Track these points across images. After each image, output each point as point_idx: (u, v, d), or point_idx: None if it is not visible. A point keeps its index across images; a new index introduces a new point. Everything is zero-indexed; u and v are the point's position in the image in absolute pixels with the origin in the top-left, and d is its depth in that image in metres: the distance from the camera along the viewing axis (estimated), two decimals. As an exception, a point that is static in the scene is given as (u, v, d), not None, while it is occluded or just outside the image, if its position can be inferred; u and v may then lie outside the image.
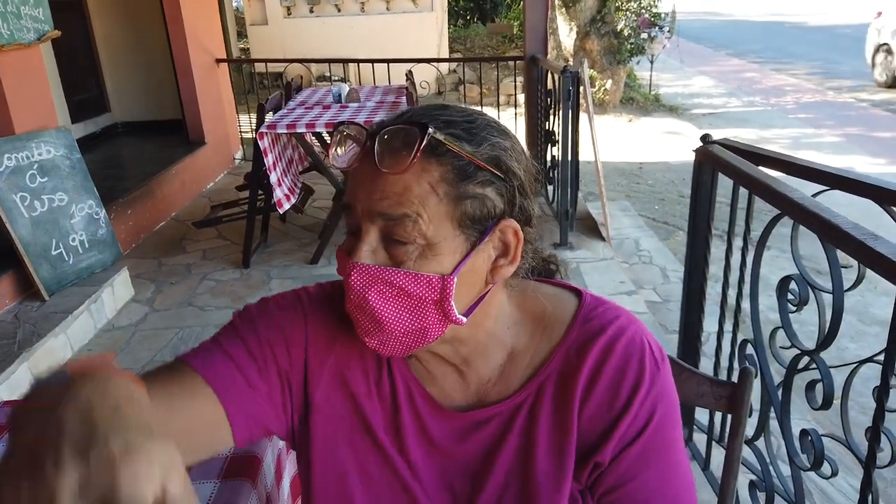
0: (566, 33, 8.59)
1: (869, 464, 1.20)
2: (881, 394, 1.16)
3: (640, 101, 8.72)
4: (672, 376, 0.75)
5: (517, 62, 4.90)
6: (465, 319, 0.67)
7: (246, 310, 0.77)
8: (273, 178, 3.25)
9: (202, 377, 0.69)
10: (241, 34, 11.08)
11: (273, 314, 0.75)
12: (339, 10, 9.39)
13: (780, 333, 1.52)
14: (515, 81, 6.11)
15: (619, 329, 0.72)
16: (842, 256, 1.25)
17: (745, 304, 1.69)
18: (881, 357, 1.15)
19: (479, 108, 0.71)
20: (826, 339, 1.33)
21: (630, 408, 0.70)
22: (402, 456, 0.74)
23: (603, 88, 8.41)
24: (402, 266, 0.64)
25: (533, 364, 0.73)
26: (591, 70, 8.29)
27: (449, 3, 10.42)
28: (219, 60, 5.45)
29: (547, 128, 4.15)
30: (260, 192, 3.60)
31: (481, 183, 0.64)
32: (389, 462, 0.74)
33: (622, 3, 8.53)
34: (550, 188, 4.23)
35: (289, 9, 9.43)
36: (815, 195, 1.40)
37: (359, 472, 0.74)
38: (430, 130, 0.61)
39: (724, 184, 1.75)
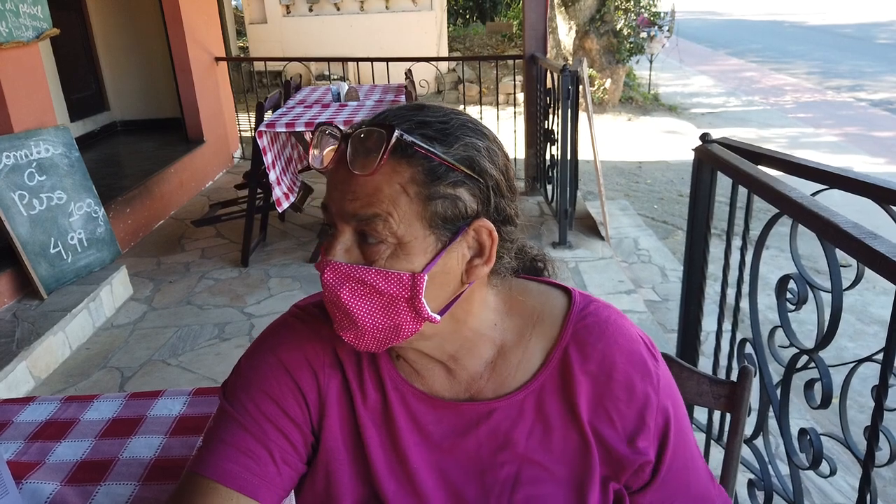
0: (565, 32, 8.59)
1: (867, 463, 1.20)
2: (880, 393, 1.16)
3: (639, 101, 8.72)
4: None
5: (516, 61, 4.90)
6: (439, 318, 0.67)
7: (230, 391, 0.75)
8: (272, 176, 3.25)
9: (228, 488, 0.69)
10: (241, 32, 11.08)
11: (259, 388, 0.74)
12: (338, 9, 9.38)
13: (780, 332, 1.52)
14: (515, 80, 6.11)
15: (617, 329, 0.74)
16: (841, 255, 1.25)
17: (745, 304, 1.69)
18: (880, 356, 1.15)
19: (458, 108, 0.71)
20: (825, 338, 1.33)
21: (649, 400, 0.73)
22: (399, 462, 0.74)
23: (602, 87, 8.41)
24: (374, 264, 0.65)
25: (529, 360, 0.74)
26: (591, 69, 8.30)
27: (448, 1, 10.42)
28: (218, 59, 5.44)
29: (546, 127, 4.15)
30: (259, 190, 3.59)
31: (453, 183, 0.64)
32: (389, 472, 0.74)
33: (621, 3, 8.53)
34: (550, 187, 4.23)
35: (288, 7, 9.43)
36: (814, 194, 1.40)
37: (358, 481, 0.74)
38: (397, 133, 0.62)
39: (724, 183, 1.75)
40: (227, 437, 0.72)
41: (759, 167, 1.60)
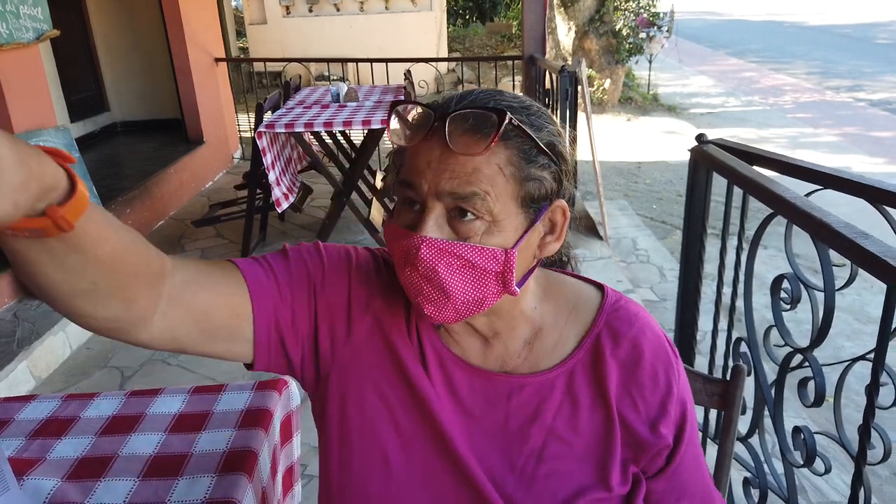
0: (565, 33, 8.60)
1: (860, 460, 1.21)
2: (871, 391, 1.17)
3: (638, 101, 8.73)
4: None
5: (516, 62, 4.91)
6: (518, 290, 0.71)
7: (298, 245, 0.81)
8: (271, 177, 3.25)
9: (241, 271, 0.74)
10: (240, 33, 11.09)
11: (323, 256, 0.79)
12: (337, 10, 9.40)
13: (776, 331, 1.53)
14: (514, 81, 6.11)
15: (645, 322, 0.80)
16: (837, 255, 1.26)
17: (740, 303, 1.70)
18: (872, 355, 1.17)
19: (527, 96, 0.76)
20: (818, 337, 1.35)
21: (671, 390, 0.77)
22: (433, 408, 0.76)
23: (601, 88, 8.43)
24: (469, 240, 0.68)
25: (563, 343, 0.78)
26: (590, 69, 8.31)
27: (448, 2, 10.43)
28: (218, 60, 5.45)
29: (545, 127, 4.16)
30: (258, 191, 3.61)
31: (541, 166, 0.69)
32: (422, 412, 0.76)
33: (621, 3, 8.55)
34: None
35: (288, 8, 9.44)
36: (808, 194, 1.41)
37: (390, 420, 0.77)
38: (509, 116, 0.65)
39: (720, 183, 1.77)
40: (271, 259, 0.77)
41: (754, 168, 1.61)
